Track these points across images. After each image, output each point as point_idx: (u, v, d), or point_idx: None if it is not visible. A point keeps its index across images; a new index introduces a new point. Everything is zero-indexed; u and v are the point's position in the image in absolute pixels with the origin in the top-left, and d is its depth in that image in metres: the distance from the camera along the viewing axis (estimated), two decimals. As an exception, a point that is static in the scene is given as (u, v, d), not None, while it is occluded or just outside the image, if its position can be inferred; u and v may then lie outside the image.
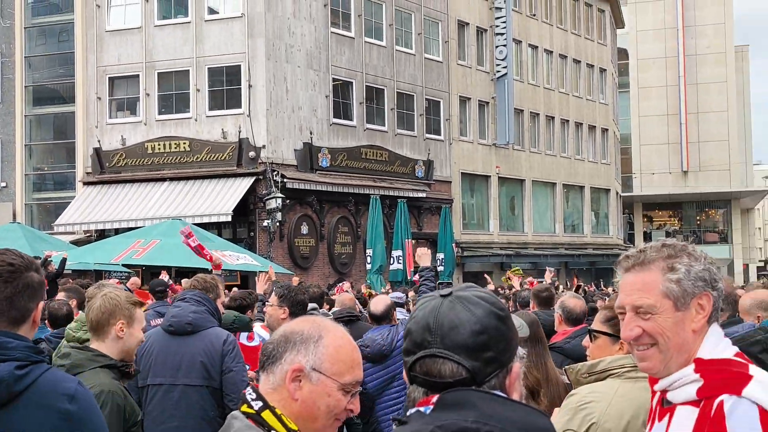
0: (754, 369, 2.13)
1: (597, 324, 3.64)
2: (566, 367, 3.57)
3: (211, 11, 28.98)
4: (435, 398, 1.73)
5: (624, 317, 2.23)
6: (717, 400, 2.05)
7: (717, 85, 58.98)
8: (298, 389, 2.05)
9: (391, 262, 22.67)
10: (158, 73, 29.02)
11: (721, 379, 2.10)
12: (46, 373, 2.78)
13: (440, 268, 24.63)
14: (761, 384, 2.06)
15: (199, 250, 10.61)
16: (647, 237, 59.87)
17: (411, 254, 23.03)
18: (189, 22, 28.80)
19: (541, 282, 15.01)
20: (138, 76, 29.17)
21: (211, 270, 8.68)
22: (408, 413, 1.77)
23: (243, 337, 7.66)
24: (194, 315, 5.32)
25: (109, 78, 29.60)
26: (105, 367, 4.06)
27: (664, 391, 2.23)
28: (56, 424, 2.72)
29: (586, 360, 3.61)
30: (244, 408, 2.06)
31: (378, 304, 7.27)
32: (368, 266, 23.43)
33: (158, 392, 5.14)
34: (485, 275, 24.61)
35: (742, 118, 63.43)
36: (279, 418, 2.03)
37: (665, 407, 2.23)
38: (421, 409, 1.74)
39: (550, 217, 43.46)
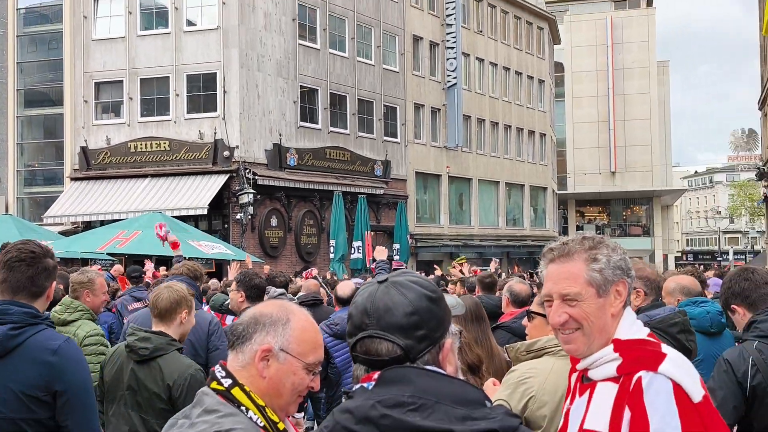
0: (666, 348, 2.20)
1: (534, 306, 3.65)
2: (507, 346, 3.57)
3: (189, 23, 28.72)
4: (376, 375, 1.75)
5: (551, 305, 2.23)
6: (635, 376, 2.09)
7: (641, 96, 59.69)
8: (266, 368, 2.05)
9: (352, 251, 22.80)
10: (140, 79, 28.74)
11: (638, 357, 2.13)
12: (38, 334, 3.23)
13: (396, 257, 24.62)
14: (674, 361, 2.12)
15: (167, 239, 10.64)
16: (579, 230, 60.54)
17: (370, 245, 23.05)
18: (169, 33, 28.52)
19: (485, 270, 15.17)
20: (122, 81, 28.87)
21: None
22: (353, 389, 1.79)
23: (229, 319, 7.54)
24: None
25: (95, 83, 29.27)
26: (177, 350, 4.37)
27: (584, 369, 2.25)
28: (41, 372, 3.15)
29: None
30: (214, 385, 2.05)
31: (344, 288, 7.39)
32: (331, 255, 23.46)
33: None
34: (434, 265, 24.75)
35: (663, 125, 64.22)
36: (248, 394, 2.03)
37: (585, 383, 2.25)
38: (365, 385, 1.76)
39: (493, 212, 43.71)
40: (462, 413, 1.60)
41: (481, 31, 42.72)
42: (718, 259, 62.36)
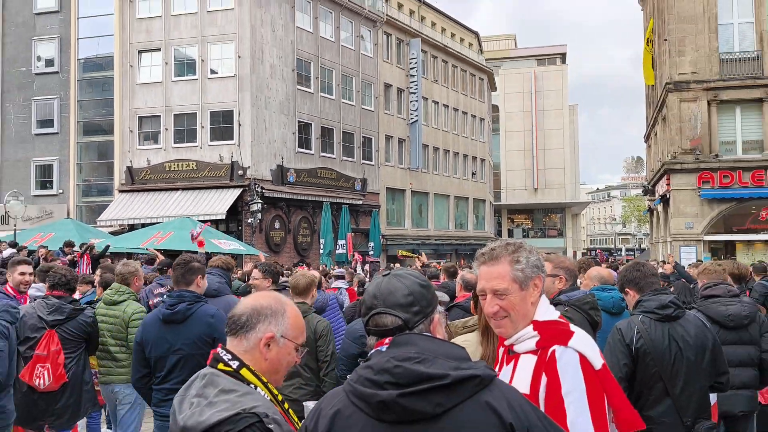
0: (573, 327, 2.21)
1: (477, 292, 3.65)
2: (448, 323, 3.56)
3: (212, 71, 28.53)
4: (387, 340, 1.78)
5: (485, 298, 2.23)
6: (550, 350, 2.12)
7: (557, 131, 60.24)
8: (269, 351, 2.01)
9: (337, 248, 22.62)
10: (174, 114, 28.46)
11: (552, 334, 2.15)
12: (202, 307, 4.24)
13: (371, 252, 24.59)
14: (580, 338, 2.15)
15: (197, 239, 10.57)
16: (510, 233, 60.89)
17: (351, 243, 22.99)
18: (196, 79, 28.30)
19: (440, 263, 15.05)
20: (159, 116, 28.57)
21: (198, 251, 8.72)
22: (369, 354, 1.80)
23: None
24: (218, 284, 5.24)
25: (138, 117, 28.92)
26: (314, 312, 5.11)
27: (510, 345, 2.25)
28: (206, 328, 4.16)
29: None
30: (221, 366, 1.96)
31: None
32: (321, 251, 23.34)
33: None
34: (418, 256, 24.61)
35: (573, 153, 64.84)
36: (254, 374, 1.97)
37: (510, 355, 2.26)
38: (380, 348, 1.78)
39: (445, 218, 43.81)
40: (454, 365, 1.64)
41: (436, 80, 42.89)
42: (613, 254, 63.04)
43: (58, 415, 5.06)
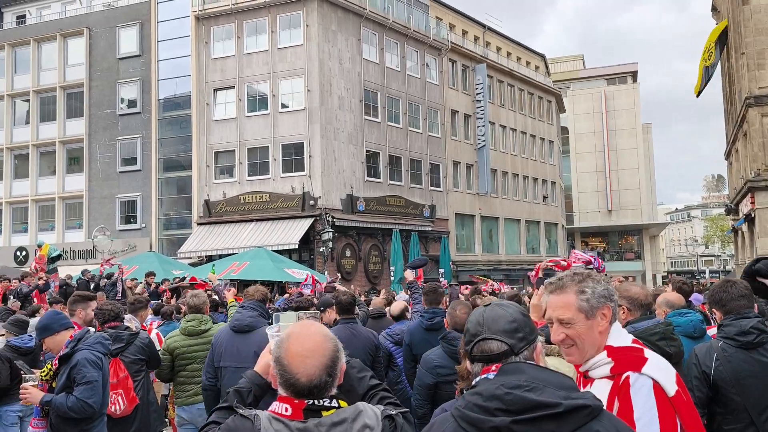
0: (648, 352, 2.22)
1: None
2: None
3: (284, 106, 29.35)
4: (494, 367, 1.80)
5: (552, 326, 2.26)
6: (624, 376, 2.13)
7: (630, 151, 58.63)
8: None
9: (407, 267, 22.46)
10: (248, 148, 29.35)
11: (626, 360, 2.16)
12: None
13: (442, 279, 24.38)
14: (653, 364, 2.16)
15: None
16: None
17: (421, 270, 22.93)
18: (269, 114, 29.17)
19: (511, 288, 14.69)
20: (234, 150, 29.51)
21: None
22: (474, 381, 1.83)
23: None
24: (250, 319, 5.15)
25: (214, 152, 29.97)
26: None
27: (586, 371, 2.27)
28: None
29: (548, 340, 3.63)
30: (343, 403, 1.92)
31: (396, 307, 7.27)
32: (391, 278, 23.33)
33: (227, 372, 4.98)
34: (474, 278, 24.42)
35: (648, 172, 62.85)
36: None
37: (586, 380, 2.27)
38: (486, 375, 1.80)
39: (516, 242, 43.19)
40: (564, 394, 1.67)
41: (503, 105, 42.71)
42: (696, 277, 60.32)
43: None
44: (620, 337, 2.25)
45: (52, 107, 33.98)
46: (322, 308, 6.63)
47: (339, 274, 18.77)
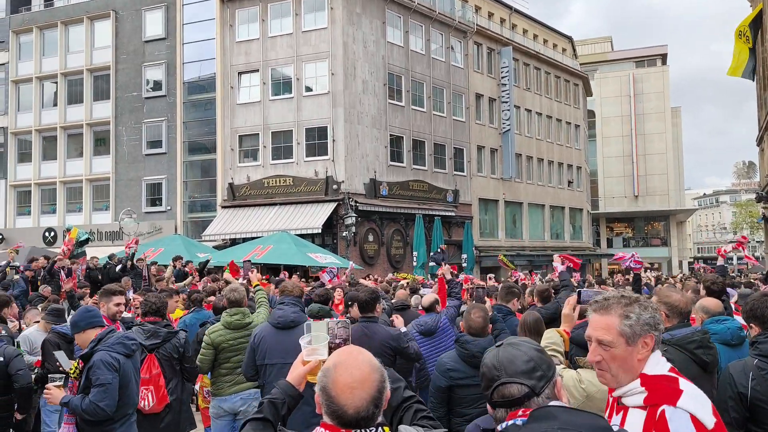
0: (683, 383, 2.13)
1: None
2: (577, 357, 3.55)
3: (307, 89, 29.32)
4: (521, 412, 1.74)
5: (591, 345, 2.22)
6: (660, 409, 2.06)
7: (658, 135, 57.74)
8: None
9: (430, 260, 22.52)
10: (271, 132, 29.44)
11: (660, 392, 2.09)
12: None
13: (464, 265, 24.35)
14: (690, 396, 2.08)
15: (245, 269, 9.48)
16: (609, 242, 58.69)
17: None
18: (292, 97, 29.18)
19: (542, 281, 14.29)
20: (258, 134, 29.62)
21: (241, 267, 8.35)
22: (501, 428, 1.76)
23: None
24: (294, 315, 5.20)
25: (238, 136, 30.11)
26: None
27: (618, 396, 2.21)
28: None
29: (587, 344, 3.57)
30: (386, 429, 1.92)
31: (427, 299, 7.15)
32: (414, 263, 23.39)
33: (273, 369, 5.02)
34: (504, 264, 24.30)
35: (676, 158, 61.87)
36: None
37: (620, 406, 2.21)
38: (514, 422, 1.74)
39: (540, 228, 42.89)
40: None
41: (528, 88, 42.22)
42: (724, 264, 59.25)
43: None
44: (658, 365, 2.19)
45: (80, 89, 34.34)
46: (350, 303, 6.73)
47: (352, 264, 18.75)
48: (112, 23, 33.54)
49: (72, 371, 4.47)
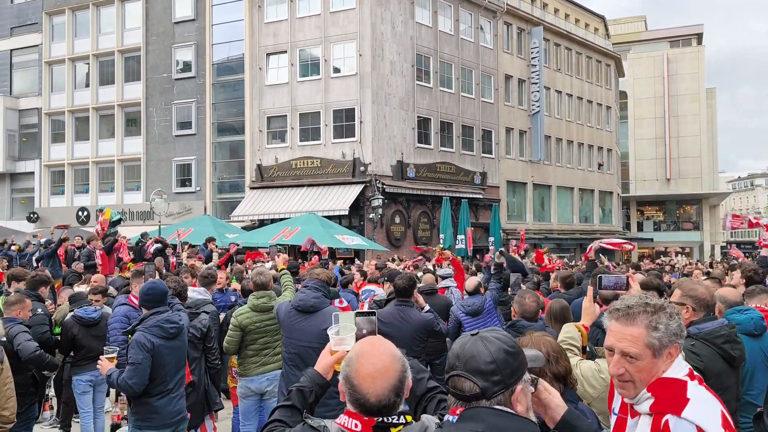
0: (691, 391, 2.00)
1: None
2: (596, 348, 3.55)
3: (335, 70, 29.29)
4: (459, 410, 1.75)
5: (612, 355, 2.09)
6: (664, 419, 1.96)
7: (692, 117, 56.54)
8: None
9: (457, 243, 22.57)
10: (299, 113, 29.52)
11: (667, 399, 1.99)
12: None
13: (491, 248, 24.27)
14: (696, 405, 1.96)
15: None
16: (640, 226, 57.93)
17: (471, 237, 22.92)
18: (320, 79, 29.19)
19: (563, 257, 14.24)
20: (286, 116, 29.74)
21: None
22: (443, 420, 1.80)
23: (335, 302, 7.82)
24: (315, 299, 5.23)
25: (267, 117, 30.27)
26: None
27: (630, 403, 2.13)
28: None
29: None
30: (408, 417, 1.94)
31: (470, 283, 7.73)
32: (441, 245, 23.36)
33: (299, 351, 5.16)
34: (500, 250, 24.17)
35: (711, 140, 60.54)
36: None
37: (634, 411, 2.12)
38: (450, 418, 1.77)
39: (569, 211, 42.50)
40: None
41: (559, 69, 41.62)
42: (758, 249, 58.11)
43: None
44: (674, 369, 2.08)
45: (111, 71, 34.80)
46: (386, 279, 7.28)
47: (379, 258, 18.85)
48: (143, 4, 33.82)
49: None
